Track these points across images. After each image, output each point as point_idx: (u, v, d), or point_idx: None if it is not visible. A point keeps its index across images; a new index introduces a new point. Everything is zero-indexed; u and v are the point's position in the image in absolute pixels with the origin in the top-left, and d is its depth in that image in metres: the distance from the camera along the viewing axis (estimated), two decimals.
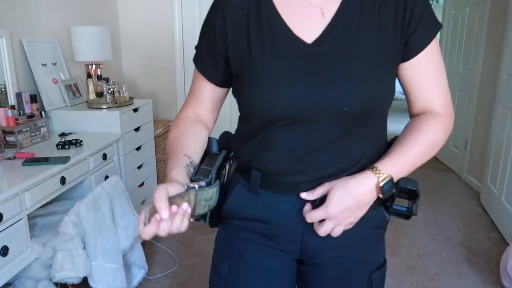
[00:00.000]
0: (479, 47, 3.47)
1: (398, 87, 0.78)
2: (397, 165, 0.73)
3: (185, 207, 0.63)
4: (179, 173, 0.71)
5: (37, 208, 1.57)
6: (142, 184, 2.52)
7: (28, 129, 1.92)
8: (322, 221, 0.74)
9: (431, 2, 7.59)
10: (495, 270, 2.26)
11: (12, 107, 1.94)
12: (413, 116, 0.81)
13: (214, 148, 0.84)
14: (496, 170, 2.81)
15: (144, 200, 2.52)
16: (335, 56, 0.70)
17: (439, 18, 5.09)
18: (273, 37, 0.72)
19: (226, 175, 0.84)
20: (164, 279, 2.19)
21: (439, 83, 0.77)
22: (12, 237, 1.39)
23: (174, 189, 0.65)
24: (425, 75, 0.75)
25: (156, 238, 2.58)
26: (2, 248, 1.34)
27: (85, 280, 1.62)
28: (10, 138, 1.85)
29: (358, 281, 0.84)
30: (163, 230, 0.62)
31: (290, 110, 0.71)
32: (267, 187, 0.80)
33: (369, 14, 0.71)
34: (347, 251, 0.82)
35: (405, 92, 0.80)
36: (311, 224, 0.76)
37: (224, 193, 0.84)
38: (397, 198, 0.78)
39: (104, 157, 2.05)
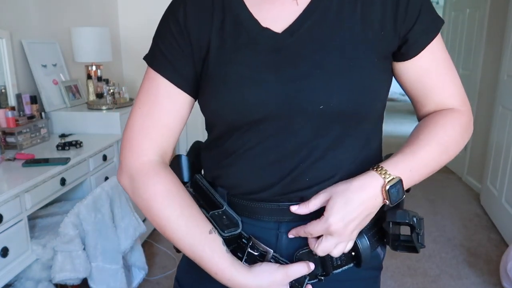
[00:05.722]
0: (479, 48, 3.47)
1: (396, 87, 0.77)
2: (407, 166, 0.59)
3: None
4: (228, 255, 0.62)
5: (37, 209, 1.57)
6: None
7: (28, 130, 1.92)
8: (318, 237, 0.60)
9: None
10: (495, 271, 2.26)
11: (12, 108, 1.93)
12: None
13: (185, 175, 0.72)
14: (496, 171, 2.81)
15: None
16: (308, 47, 0.59)
17: None
18: (237, 30, 0.61)
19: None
20: (164, 280, 2.19)
21: (451, 80, 0.66)
22: (12, 238, 1.39)
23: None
24: (433, 73, 0.64)
25: (156, 239, 2.58)
26: (2, 249, 1.33)
27: (85, 281, 1.62)
28: (10, 139, 1.85)
29: None
30: None
31: (255, 113, 0.59)
32: (234, 210, 0.65)
33: (352, 3, 0.60)
34: None
35: (410, 95, 0.68)
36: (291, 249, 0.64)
37: None
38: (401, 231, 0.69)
39: (104, 158, 2.05)
